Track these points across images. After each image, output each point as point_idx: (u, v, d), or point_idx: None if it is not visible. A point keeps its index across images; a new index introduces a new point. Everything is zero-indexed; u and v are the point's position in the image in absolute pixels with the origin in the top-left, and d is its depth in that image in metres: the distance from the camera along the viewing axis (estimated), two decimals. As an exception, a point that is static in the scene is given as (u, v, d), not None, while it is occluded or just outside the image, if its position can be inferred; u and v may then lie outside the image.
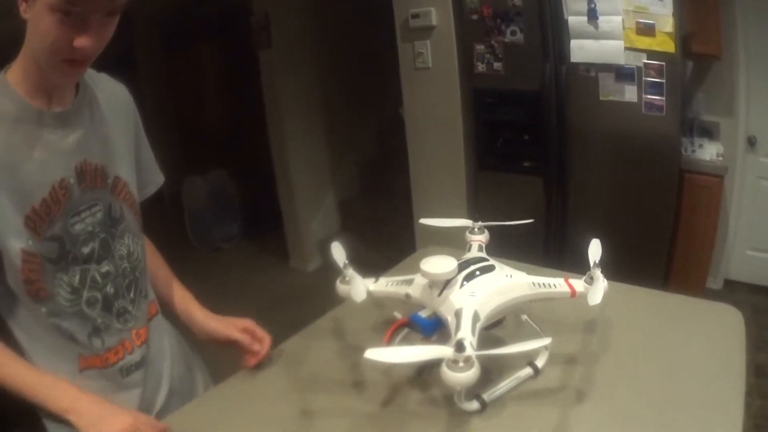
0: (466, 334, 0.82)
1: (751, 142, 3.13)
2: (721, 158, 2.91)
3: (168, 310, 1.27)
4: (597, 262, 0.98)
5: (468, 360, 0.75)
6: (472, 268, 0.97)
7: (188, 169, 5.01)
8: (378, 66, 4.00)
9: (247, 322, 1.21)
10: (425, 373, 1.07)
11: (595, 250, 1.02)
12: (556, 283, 0.97)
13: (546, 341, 0.89)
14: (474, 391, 0.96)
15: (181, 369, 1.26)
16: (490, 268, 0.98)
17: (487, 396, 0.97)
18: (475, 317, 0.87)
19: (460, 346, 0.76)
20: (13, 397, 0.98)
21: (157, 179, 1.26)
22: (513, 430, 0.92)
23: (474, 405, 0.95)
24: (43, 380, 1.00)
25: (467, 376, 0.75)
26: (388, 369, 1.09)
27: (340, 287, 1.07)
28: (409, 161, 3.34)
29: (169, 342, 1.25)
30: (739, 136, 3.11)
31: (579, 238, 2.67)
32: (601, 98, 2.60)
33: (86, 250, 1.03)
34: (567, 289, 0.97)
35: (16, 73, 0.98)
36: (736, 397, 0.94)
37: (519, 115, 2.80)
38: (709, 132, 3.03)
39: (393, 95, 3.27)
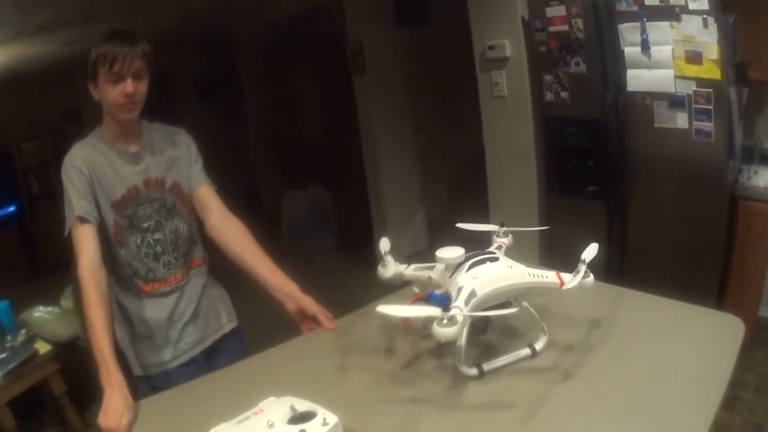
0: (459, 303, 1.04)
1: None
2: (776, 185, 2.85)
3: (256, 281, 1.69)
4: (585, 259, 1.14)
5: (452, 319, 0.97)
6: (480, 257, 1.19)
7: (288, 184, 5.36)
8: (465, 95, 4.17)
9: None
10: (444, 347, 1.30)
11: (590, 251, 1.17)
12: (548, 275, 1.15)
13: (515, 309, 1.10)
14: (478, 360, 1.18)
15: (208, 303, 1.85)
16: (495, 259, 1.20)
17: (486, 366, 1.17)
18: (472, 294, 1.08)
19: (445, 308, 0.99)
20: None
21: (204, 179, 1.87)
22: (501, 396, 1.10)
23: (473, 371, 1.15)
24: (107, 357, 1.41)
25: (449, 331, 0.96)
26: (414, 341, 1.33)
27: (380, 270, 1.34)
28: (488, 184, 3.51)
29: (205, 285, 1.85)
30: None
31: (638, 259, 2.76)
32: (656, 125, 2.67)
33: (145, 225, 1.70)
34: (557, 280, 1.14)
35: (105, 127, 1.69)
36: (714, 394, 1.01)
37: (584, 142, 2.91)
38: (769, 159, 2.98)
39: (478, 123, 3.49)
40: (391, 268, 1.31)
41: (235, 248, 1.74)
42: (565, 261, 1.20)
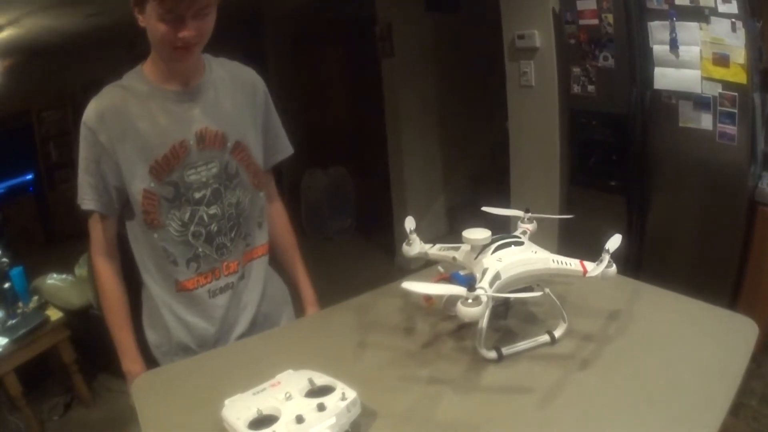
0: (484, 284, 1.04)
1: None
2: (795, 194, 2.82)
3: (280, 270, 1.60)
4: (609, 249, 1.13)
5: (476, 299, 0.98)
6: (506, 240, 1.19)
7: (309, 163, 5.39)
8: (491, 83, 4.16)
9: None
10: (463, 329, 1.30)
11: (613, 241, 1.16)
12: (572, 263, 1.15)
13: (538, 294, 1.11)
14: (497, 343, 1.19)
15: (269, 308, 1.55)
16: (520, 244, 1.20)
17: (505, 350, 1.17)
18: (496, 276, 1.08)
19: (471, 287, 0.99)
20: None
21: (285, 150, 1.60)
22: (519, 380, 1.10)
23: (492, 354, 1.15)
24: (125, 341, 1.39)
25: (473, 311, 0.97)
26: (434, 322, 1.33)
27: (405, 248, 1.34)
28: (510, 172, 3.52)
29: (267, 284, 1.55)
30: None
31: (655, 256, 2.75)
32: (680, 125, 2.67)
33: (198, 195, 1.35)
34: (580, 268, 1.14)
35: (149, 64, 1.35)
36: (727, 393, 1.02)
37: (608, 136, 2.91)
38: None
39: (503, 111, 3.50)
40: (416, 246, 1.31)
41: (273, 237, 1.59)
42: (583, 252, 1.20)
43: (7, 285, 2.96)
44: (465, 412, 1.02)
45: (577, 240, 1.20)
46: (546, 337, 1.22)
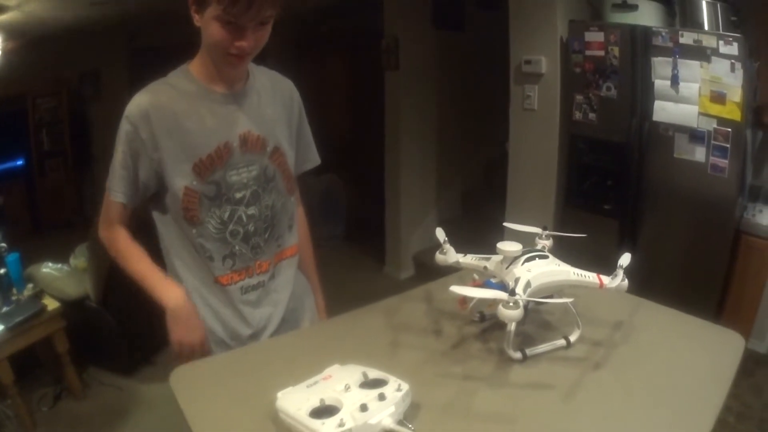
0: (519, 290, 1.16)
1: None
2: (777, 224, 2.99)
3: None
4: (622, 265, 1.27)
5: (516, 303, 1.09)
6: (533, 254, 1.31)
7: (302, 170, 5.44)
8: (490, 103, 4.28)
9: None
10: (486, 332, 1.41)
11: (625, 258, 1.29)
12: (590, 276, 1.28)
13: (568, 300, 1.23)
14: (520, 346, 1.30)
15: (295, 304, 1.62)
16: (545, 257, 1.32)
17: (528, 351, 1.28)
18: (527, 284, 1.20)
19: (512, 293, 1.11)
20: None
21: (314, 159, 1.68)
22: (543, 378, 1.22)
23: (518, 355, 1.27)
24: (157, 276, 1.39)
25: (514, 313, 1.09)
26: (460, 325, 1.45)
27: (439, 257, 1.44)
28: (507, 191, 3.62)
29: (295, 283, 1.62)
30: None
31: (643, 279, 2.90)
32: (675, 156, 2.81)
33: (239, 195, 1.40)
34: (597, 281, 1.27)
35: (196, 64, 1.37)
36: (720, 393, 1.16)
37: (606, 162, 3.05)
38: (775, 201, 3.12)
39: (502, 131, 3.59)
40: (452, 256, 1.41)
41: None
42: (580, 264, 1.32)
43: (2, 271, 2.93)
44: (499, 404, 1.13)
45: (567, 259, 1.33)
46: (562, 341, 1.33)
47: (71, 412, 3.13)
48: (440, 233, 1.47)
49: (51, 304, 3.02)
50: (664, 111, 2.81)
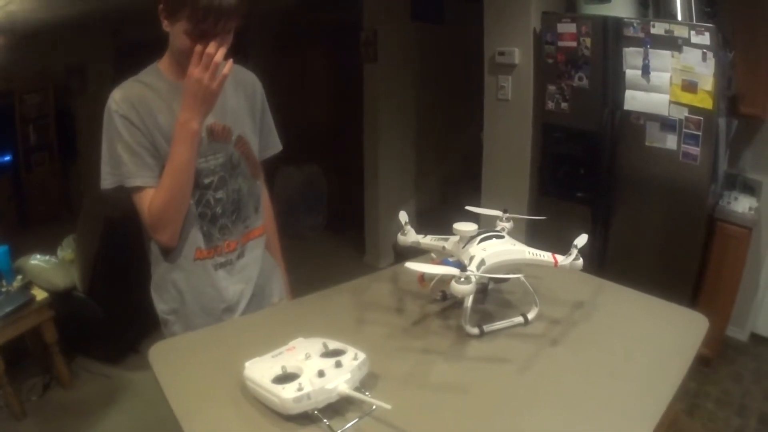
0: (472, 268, 1.23)
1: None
2: (752, 212, 3.07)
3: None
4: (577, 245, 1.34)
5: (467, 278, 1.16)
6: (489, 233, 1.38)
7: (284, 160, 5.49)
8: (467, 94, 4.34)
9: None
10: (447, 310, 1.49)
11: (581, 239, 1.36)
12: (545, 255, 1.35)
13: (517, 276, 1.32)
14: (478, 322, 1.37)
15: (264, 281, 1.74)
16: (501, 237, 1.39)
17: (486, 327, 1.35)
18: (482, 262, 1.27)
19: (463, 269, 1.18)
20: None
21: (276, 146, 1.80)
22: (499, 353, 1.29)
23: (475, 330, 1.34)
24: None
25: (466, 288, 1.16)
26: (422, 304, 1.52)
27: (400, 238, 1.52)
28: (482, 181, 3.68)
29: (263, 261, 1.74)
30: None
31: (615, 264, 2.96)
32: (646, 144, 2.86)
33: (207, 181, 1.51)
34: (551, 260, 1.34)
35: (165, 63, 1.49)
36: (679, 370, 1.20)
37: (578, 151, 3.10)
38: (751, 189, 3.21)
39: (480, 122, 3.65)
40: (411, 236, 1.50)
41: None
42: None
43: (-8, 263, 2.98)
44: (455, 376, 1.20)
45: (540, 245, 1.40)
46: (520, 319, 1.41)
47: (60, 400, 3.18)
48: (403, 216, 1.54)
49: (39, 294, 3.08)
50: (635, 100, 2.87)
